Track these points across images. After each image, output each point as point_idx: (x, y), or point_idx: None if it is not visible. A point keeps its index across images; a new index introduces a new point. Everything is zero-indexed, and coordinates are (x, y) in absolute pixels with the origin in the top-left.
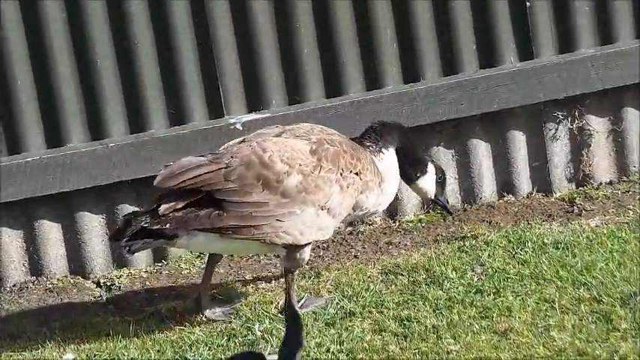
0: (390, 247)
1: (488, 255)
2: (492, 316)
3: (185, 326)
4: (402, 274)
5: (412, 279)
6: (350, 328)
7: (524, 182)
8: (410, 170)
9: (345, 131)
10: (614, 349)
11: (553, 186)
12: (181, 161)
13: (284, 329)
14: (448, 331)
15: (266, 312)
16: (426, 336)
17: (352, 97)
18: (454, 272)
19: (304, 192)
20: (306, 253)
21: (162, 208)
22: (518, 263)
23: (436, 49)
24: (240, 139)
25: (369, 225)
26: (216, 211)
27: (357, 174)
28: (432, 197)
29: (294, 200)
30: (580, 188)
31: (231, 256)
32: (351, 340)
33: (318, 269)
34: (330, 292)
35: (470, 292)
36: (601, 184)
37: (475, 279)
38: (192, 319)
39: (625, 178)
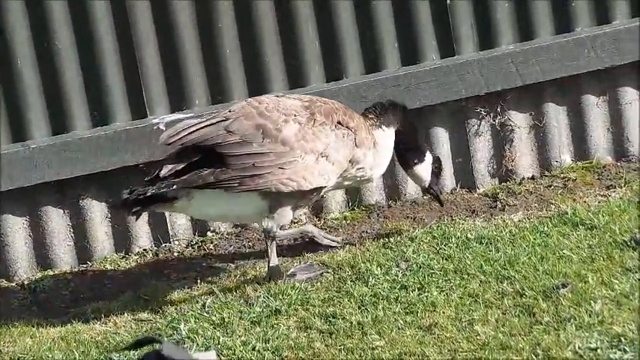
0: (316, 244)
1: (413, 251)
2: (417, 312)
3: (110, 327)
4: (328, 272)
5: (337, 276)
6: (276, 325)
7: (447, 178)
8: (408, 156)
9: None
10: (536, 342)
11: (476, 182)
12: (182, 122)
13: None
14: (373, 327)
15: (192, 311)
16: (352, 332)
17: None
18: (379, 268)
19: (302, 140)
20: (289, 213)
21: (164, 170)
22: (443, 259)
23: (358, 47)
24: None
25: (295, 223)
26: (220, 168)
27: (348, 128)
28: (426, 185)
29: (294, 148)
30: (503, 184)
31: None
32: (277, 338)
33: (245, 267)
34: (256, 290)
35: (395, 288)
36: (523, 179)
37: (400, 275)
38: (118, 320)
39: (547, 173)
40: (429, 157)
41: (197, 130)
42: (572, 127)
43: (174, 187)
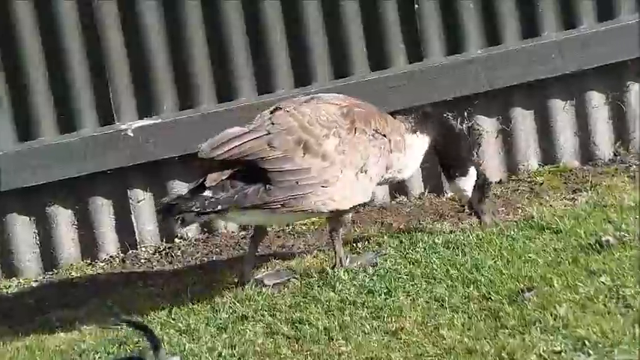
0: (284, 250)
1: (380, 256)
2: (384, 317)
3: (76, 335)
4: (295, 277)
5: (305, 281)
6: (242, 331)
7: (415, 183)
8: (450, 168)
9: None
10: (502, 346)
11: (444, 186)
12: (224, 132)
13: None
14: (340, 333)
15: (158, 318)
16: (318, 338)
17: (242, 101)
18: (346, 274)
19: (342, 154)
20: (350, 214)
21: (208, 181)
22: (410, 263)
23: (326, 52)
24: (273, 107)
25: None
26: (263, 186)
27: (384, 135)
28: (467, 201)
29: (334, 163)
30: None
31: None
32: (243, 344)
33: (212, 274)
34: (223, 296)
35: (362, 292)
36: (491, 183)
37: (367, 280)
38: (83, 328)
39: (514, 177)
40: (472, 172)
41: (240, 144)
42: (540, 131)
43: (220, 207)
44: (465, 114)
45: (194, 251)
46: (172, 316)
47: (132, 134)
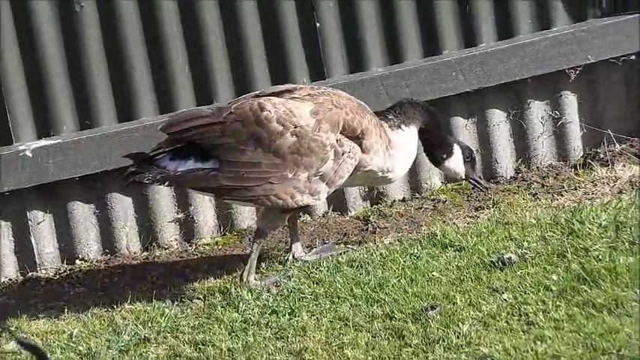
0: (187, 270)
1: (284, 275)
2: (287, 337)
3: None
4: (198, 298)
5: (208, 302)
6: (144, 354)
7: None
8: (436, 153)
9: None
10: None
11: (348, 204)
12: (187, 111)
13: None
14: (243, 354)
15: (59, 341)
16: (222, 359)
17: (143, 121)
18: (250, 294)
19: (297, 154)
20: (283, 219)
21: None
22: (313, 282)
23: (228, 70)
24: (256, 92)
25: (165, 249)
26: (212, 171)
27: (357, 137)
28: (463, 177)
29: (286, 162)
30: (374, 206)
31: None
32: None
33: (113, 296)
34: (125, 318)
35: (265, 313)
36: (395, 201)
37: (271, 300)
38: None
39: (418, 195)
40: (457, 149)
41: (194, 127)
42: None
43: (167, 183)
44: None
45: (96, 272)
46: (73, 339)
47: (30, 155)
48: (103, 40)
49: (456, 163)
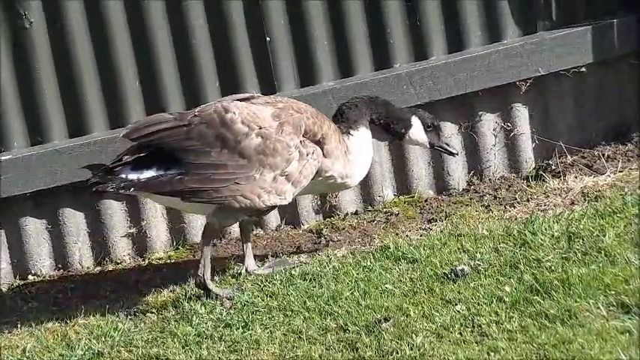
0: (140, 285)
1: (237, 289)
2: (241, 350)
3: None
4: (152, 312)
5: (162, 316)
6: None
7: (272, 216)
8: (395, 129)
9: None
10: None
11: (301, 218)
12: (150, 116)
13: None
14: None
15: (12, 356)
16: None
17: (94, 136)
18: (203, 307)
19: (262, 154)
20: (236, 219)
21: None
22: (267, 296)
23: (179, 84)
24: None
25: (118, 264)
26: (178, 175)
27: (319, 142)
28: (428, 146)
29: (252, 162)
30: (327, 219)
31: None
32: None
33: (66, 311)
34: (78, 332)
35: (219, 326)
36: (347, 214)
37: (224, 313)
38: None
39: (370, 208)
40: (415, 120)
41: (159, 131)
42: (394, 161)
43: (132, 189)
44: None
45: (49, 287)
46: (27, 354)
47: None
48: (52, 55)
49: (417, 134)
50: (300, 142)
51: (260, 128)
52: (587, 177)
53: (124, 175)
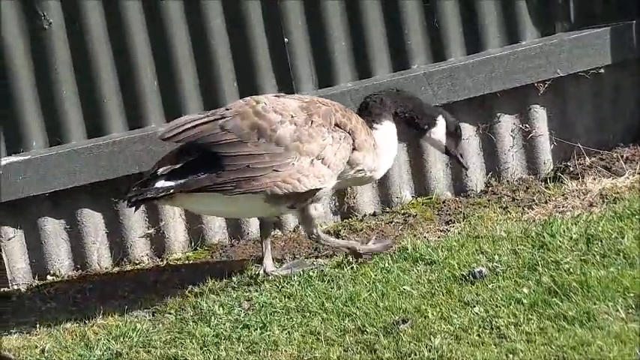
0: (158, 285)
1: (256, 290)
2: (259, 351)
3: None
4: (170, 312)
5: (180, 316)
6: None
7: (290, 217)
8: (419, 124)
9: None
10: None
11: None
12: (179, 118)
13: None
14: None
15: (31, 356)
16: None
17: (113, 136)
18: (221, 308)
19: (298, 141)
20: (313, 210)
21: (161, 169)
22: (285, 297)
23: (197, 85)
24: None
25: (137, 264)
26: (215, 169)
27: (349, 133)
28: (444, 149)
29: (289, 149)
30: (345, 220)
31: None
32: None
33: (85, 311)
34: (97, 333)
35: (237, 327)
36: (365, 215)
37: (242, 314)
38: None
39: (388, 209)
40: (441, 121)
41: (193, 127)
42: (412, 163)
43: (172, 191)
44: None
45: (67, 287)
46: (45, 355)
47: (0, 171)
48: (71, 55)
49: (438, 134)
50: (332, 128)
51: (292, 117)
52: (606, 179)
53: (159, 185)
